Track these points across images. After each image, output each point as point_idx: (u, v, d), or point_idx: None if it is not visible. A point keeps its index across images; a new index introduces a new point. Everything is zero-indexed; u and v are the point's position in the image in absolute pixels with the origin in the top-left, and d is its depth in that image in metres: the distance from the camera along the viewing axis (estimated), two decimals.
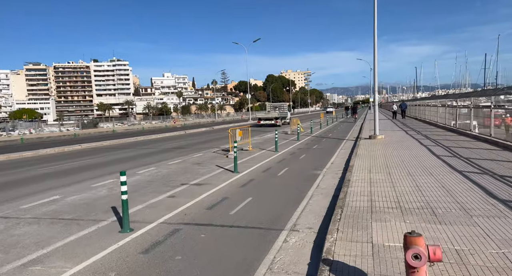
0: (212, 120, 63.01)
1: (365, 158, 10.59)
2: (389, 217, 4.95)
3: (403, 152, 11.14)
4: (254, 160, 12.10)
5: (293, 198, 6.91)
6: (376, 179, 7.53)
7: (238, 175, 9.26)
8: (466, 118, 17.03)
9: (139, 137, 24.48)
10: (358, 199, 6.02)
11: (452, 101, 20.26)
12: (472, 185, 6.33)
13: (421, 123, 25.53)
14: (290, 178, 8.88)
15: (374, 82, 17.10)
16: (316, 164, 10.94)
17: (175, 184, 8.33)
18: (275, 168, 10.40)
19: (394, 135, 17.28)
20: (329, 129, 27.19)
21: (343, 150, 14.19)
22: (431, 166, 8.49)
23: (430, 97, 36.08)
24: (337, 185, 7.82)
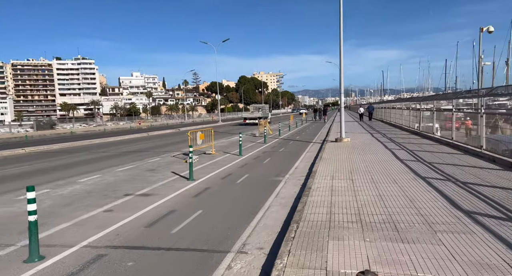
0: (181, 122, 61.33)
1: (330, 163, 10.16)
2: (348, 234, 4.39)
3: (368, 157, 10.84)
4: (215, 165, 11.34)
5: (248, 209, 6.24)
6: (338, 186, 7.04)
7: (193, 183, 8.47)
8: (429, 121, 17.26)
9: (95, 140, 22.89)
10: (317, 211, 5.45)
11: (416, 104, 20.61)
12: (436, 194, 5.97)
13: (387, 126, 25.90)
14: (250, 186, 8.22)
15: (340, 85, 16.91)
16: (280, 169, 10.37)
17: (117, 195, 7.39)
18: (236, 174, 9.70)
19: (360, 138, 17.16)
20: (298, 131, 26.94)
21: (309, 153, 13.77)
22: (395, 172, 8.16)
23: (396, 100, 37.11)
24: (297, 194, 7.25)
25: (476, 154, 9.70)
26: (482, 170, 7.67)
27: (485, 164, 8.37)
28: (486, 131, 11.66)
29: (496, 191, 5.88)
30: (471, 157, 9.49)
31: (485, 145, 9.43)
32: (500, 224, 4.39)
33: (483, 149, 9.42)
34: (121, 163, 12.20)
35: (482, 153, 9.37)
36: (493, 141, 9.74)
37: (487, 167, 8.03)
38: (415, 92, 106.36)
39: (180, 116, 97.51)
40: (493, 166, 8.12)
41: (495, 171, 7.56)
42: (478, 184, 6.42)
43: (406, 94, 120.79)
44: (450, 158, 9.63)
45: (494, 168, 7.83)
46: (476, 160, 9.06)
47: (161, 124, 57.64)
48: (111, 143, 21.74)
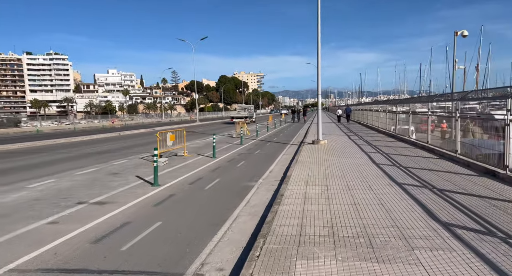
0: (158, 121, 59.72)
1: (305, 166, 9.77)
2: (319, 252, 3.94)
3: (344, 160, 10.54)
4: (185, 168, 10.69)
5: (214, 220, 5.69)
6: (312, 193, 6.62)
7: (157, 189, 7.81)
8: (404, 123, 17.31)
9: (61, 139, 21.57)
10: (287, 222, 4.98)
11: (392, 106, 20.72)
12: (412, 202, 5.65)
13: (364, 128, 26.01)
14: (219, 192, 7.66)
15: (318, 86, 16.64)
16: (254, 173, 9.87)
17: (68, 204, 6.64)
18: (206, 178, 9.11)
19: (337, 140, 16.97)
20: (276, 133, 26.59)
21: (285, 156, 13.37)
22: (371, 177, 7.84)
23: (373, 102, 37.55)
24: (269, 201, 6.77)
25: (451, 159, 9.59)
26: (458, 176, 7.48)
27: (461, 169, 8.22)
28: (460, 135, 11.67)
29: (473, 200, 5.63)
30: (446, 162, 9.36)
31: (460, 149, 9.33)
32: (480, 239, 4.07)
33: (458, 154, 9.31)
34: (82, 166, 11.32)
35: (457, 157, 9.25)
36: (467, 145, 9.65)
37: (463, 172, 7.86)
38: (391, 95, 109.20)
39: (158, 115, 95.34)
40: (468, 171, 7.96)
41: (470, 177, 7.38)
42: (454, 192, 6.16)
43: (383, 97, 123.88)
44: (426, 162, 9.46)
45: (469, 174, 7.66)
46: (451, 165, 8.91)
47: (137, 123, 55.87)
48: (78, 143, 20.54)
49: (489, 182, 6.74)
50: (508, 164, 6.72)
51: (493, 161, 7.59)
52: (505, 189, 6.18)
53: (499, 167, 7.10)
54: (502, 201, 5.45)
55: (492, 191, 6.10)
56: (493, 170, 7.21)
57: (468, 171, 8.00)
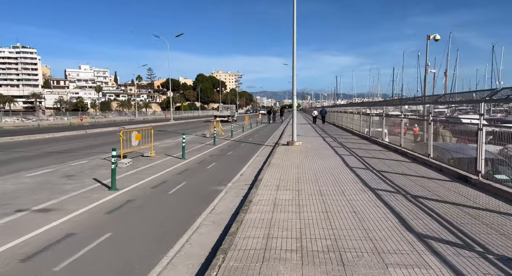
0: (131, 119, 57.69)
1: (278, 169, 9.36)
2: (284, 271, 3.49)
3: (318, 163, 10.23)
4: (151, 170, 9.99)
5: (173, 230, 5.12)
6: (282, 199, 6.19)
7: (115, 194, 7.12)
8: (378, 126, 17.37)
9: (19, 137, 20.06)
10: (252, 234, 4.51)
11: (366, 109, 20.84)
12: (386, 210, 5.33)
13: (339, 130, 26.10)
14: (183, 198, 7.07)
15: (293, 87, 16.34)
16: (223, 176, 9.34)
17: (7, 211, 5.84)
18: (172, 182, 8.48)
19: (311, 142, 16.75)
20: (252, 133, 26.14)
21: (258, 158, 12.93)
22: (344, 181, 7.53)
23: (348, 104, 37.99)
24: (236, 208, 6.27)
25: (424, 163, 9.49)
26: (431, 181, 7.30)
27: (434, 174, 8.08)
28: (425, 139, 11.67)
29: (448, 208, 5.40)
30: (419, 166, 9.24)
31: (433, 153, 9.24)
32: (457, 253, 3.77)
33: (431, 158, 9.23)
34: (36, 166, 10.33)
35: (430, 161, 9.16)
36: (439, 149, 9.58)
37: (436, 177, 7.72)
38: (366, 97, 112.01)
39: (132, 113, 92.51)
40: (441, 176, 7.83)
41: (443, 182, 7.22)
42: (428, 199, 5.93)
43: (357, 99, 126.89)
44: (399, 166, 9.31)
45: (443, 179, 7.52)
46: (424, 169, 8.79)
47: (108, 120, 53.68)
48: (37, 141, 19.14)
49: (462, 188, 6.59)
50: (481, 170, 6.59)
51: (464, 166, 7.49)
52: (478, 196, 6.01)
53: (471, 173, 6.98)
54: (476, 210, 5.24)
55: (466, 198, 5.92)
56: (465, 175, 7.09)
57: (441, 176, 7.87)
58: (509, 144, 6.34)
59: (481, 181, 6.52)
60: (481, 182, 6.47)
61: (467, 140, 8.90)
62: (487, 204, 5.51)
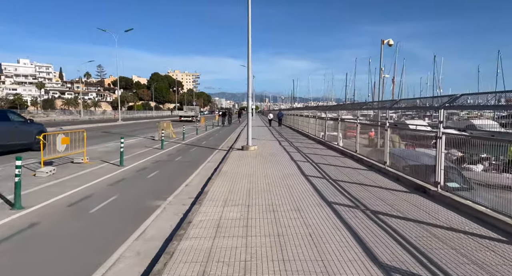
0: (75, 118, 53.13)
1: (228, 178, 8.43)
2: None
3: (272, 170, 9.47)
4: (76, 181, 8.50)
5: (79, 270, 3.94)
6: (228, 219, 5.27)
7: (17, 214, 5.68)
8: (333, 130, 17.21)
9: None
10: (183, 272, 3.52)
11: (322, 112, 20.72)
12: (347, 234, 4.62)
13: (295, 133, 25.87)
14: (107, 218, 5.83)
15: (248, 89, 15.55)
16: (165, 187, 8.19)
17: None
18: (98, 196, 7.15)
19: (267, 146, 16.06)
20: (206, 136, 24.93)
21: (209, 164, 11.89)
22: (299, 194, 6.80)
23: (304, 107, 38.22)
24: (172, 231, 5.22)
25: (380, 170, 9.14)
26: (390, 193, 6.84)
27: (391, 184, 7.67)
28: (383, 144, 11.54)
29: (411, 228, 4.84)
30: (376, 174, 8.85)
31: (389, 161, 8.92)
32: None
33: (387, 166, 8.89)
34: None
35: (386, 169, 8.82)
36: (394, 156, 9.30)
37: (394, 188, 7.29)
38: (321, 101, 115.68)
39: (79, 112, 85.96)
40: (399, 186, 7.43)
41: (402, 194, 6.79)
42: (389, 215, 5.37)
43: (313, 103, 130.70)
44: (356, 174, 8.85)
45: (401, 190, 7.10)
46: (381, 178, 8.39)
47: (48, 120, 48.85)
48: None
49: (422, 201, 6.16)
50: (440, 181, 6.23)
51: (421, 176, 7.15)
52: (439, 211, 5.58)
53: (430, 183, 6.62)
54: (441, 229, 4.74)
55: (428, 213, 5.45)
56: (423, 186, 6.72)
57: (398, 186, 7.47)
58: (453, 149, 6.12)
59: (440, 193, 6.14)
60: (441, 195, 6.10)
61: (419, 146, 8.74)
62: (451, 221, 5.05)
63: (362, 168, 9.89)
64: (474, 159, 7.37)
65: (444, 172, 6.24)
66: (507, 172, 5.24)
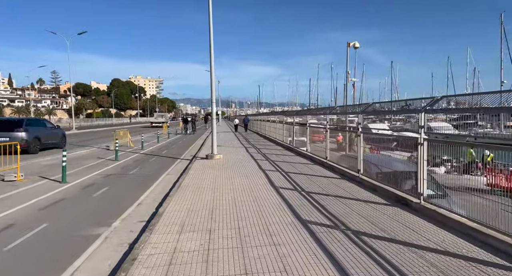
0: None
1: (189, 194, 7.38)
2: None
3: (239, 182, 8.54)
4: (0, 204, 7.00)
5: None
6: (184, 251, 4.25)
7: None
8: (301, 135, 16.67)
9: None
10: None
11: (288, 118, 20.20)
12: (329, 266, 3.79)
13: (262, 139, 25.16)
14: (27, 258, 4.55)
15: (212, 94, 14.57)
16: (113, 207, 6.96)
17: None
18: (21, 226, 5.77)
19: (234, 154, 15.11)
20: (168, 144, 23.46)
21: (169, 176, 10.72)
22: (270, 211, 5.93)
23: (270, 112, 37.82)
24: (110, 273, 4.09)
25: (354, 179, 8.53)
26: (370, 207, 6.16)
27: (369, 196, 7.03)
28: (349, 150, 11.04)
29: (401, 252, 4.12)
30: (350, 184, 8.21)
31: (363, 169, 8.34)
32: None
33: (361, 174, 8.30)
34: None
35: (360, 178, 8.22)
36: (366, 162, 8.73)
37: (373, 200, 6.64)
38: (286, 106, 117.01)
39: None
40: (378, 198, 6.80)
41: (383, 207, 6.14)
42: (374, 236, 4.64)
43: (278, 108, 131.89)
44: (329, 184, 8.16)
45: (380, 202, 6.47)
46: (357, 188, 7.75)
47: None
48: None
49: (407, 217, 5.52)
50: (423, 192, 5.65)
51: (396, 184, 6.58)
52: (428, 229, 4.94)
53: (411, 195, 6.03)
54: (435, 253, 4.06)
55: (416, 232, 4.79)
56: (405, 197, 6.12)
57: (377, 198, 6.84)
58: (416, 151, 5.90)
59: (423, 205, 5.55)
60: (424, 208, 5.51)
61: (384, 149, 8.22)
62: (444, 241, 4.41)
63: (335, 176, 9.25)
64: (436, 162, 7.19)
65: (427, 182, 5.67)
66: (467, 173, 5.31)
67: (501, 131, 19.83)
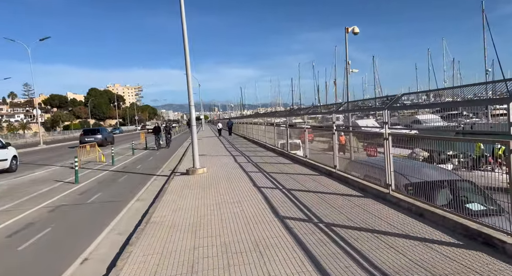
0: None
1: (159, 238, 5.04)
2: None
3: (230, 211, 6.25)
4: None
5: None
6: None
7: None
8: (296, 138, 14.55)
9: None
10: None
11: (277, 119, 18.04)
12: None
13: (250, 143, 22.91)
14: None
15: (189, 96, 12.24)
16: (44, 269, 4.55)
17: None
18: None
19: (219, 164, 12.79)
20: (146, 155, 20.89)
21: (137, 204, 8.36)
22: (284, 269, 3.67)
23: (254, 115, 35.67)
24: None
25: (383, 198, 6.38)
26: (435, 253, 4.00)
27: (425, 230, 4.87)
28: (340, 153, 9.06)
29: None
30: (382, 207, 6.05)
31: (393, 182, 6.20)
32: None
33: (392, 191, 6.16)
34: None
35: (394, 197, 6.06)
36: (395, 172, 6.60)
37: (434, 238, 4.48)
38: (269, 107, 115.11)
39: (6, 137, 74.78)
40: (437, 233, 4.64)
41: (458, 255, 3.99)
42: None
43: (262, 109, 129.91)
44: (358, 212, 5.97)
45: (447, 242, 4.31)
46: (401, 216, 5.59)
47: None
48: None
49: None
50: None
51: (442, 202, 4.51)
52: None
53: (498, 230, 3.90)
54: None
55: None
56: (483, 233, 3.99)
57: (436, 233, 4.68)
58: (417, 148, 5.76)
59: None
60: None
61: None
62: None
63: (354, 193, 7.07)
64: (442, 158, 6.32)
65: None
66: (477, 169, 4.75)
67: (489, 121, 18.49)
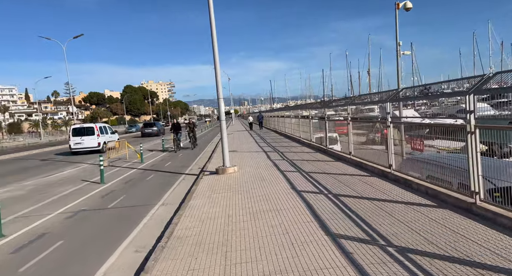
0: (24, 144, 46.52)
1: (182, 260, 3.94)
2: None
3: (267, 223, 5.04)
4: None
5: None
6: None
7: None
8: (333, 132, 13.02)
9: None
10: None
11: (308, 111, 16.53)
12: None
13: (282, 138, 21.57)
14: None
15: (218, 89, 11.13)
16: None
17: None
18: None
19: (252, 163, 11.63)
20: (175, 153, 20.24)
21: (161, 211, 7.41)
22: None
23: (285, 107, 34.18)
24: None
25: (468, 210, 4.86)
26: None
27: None
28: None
29: None
30: (469, 222, 4.55)
31: (482, 191, 4.66)
32: None
33: (482, 200, 4.62)
34: None
35: (484, 209, 4.53)
36: None
37: None
38: (299, 100, 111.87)
39: (50, 133, 78.96)
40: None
41: None
42: None
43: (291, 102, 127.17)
44: (422, 222, 4.53)
45: None
46: (494, 234, 4.09)
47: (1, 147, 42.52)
48: None
49: None
50: None
51: None
52: None
53: None
54: None
55: None
56: None
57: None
58: None
59: None
60: None
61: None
62: None
63: (424, 202, 5.57)
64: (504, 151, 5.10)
65: None
66: None
67: None
